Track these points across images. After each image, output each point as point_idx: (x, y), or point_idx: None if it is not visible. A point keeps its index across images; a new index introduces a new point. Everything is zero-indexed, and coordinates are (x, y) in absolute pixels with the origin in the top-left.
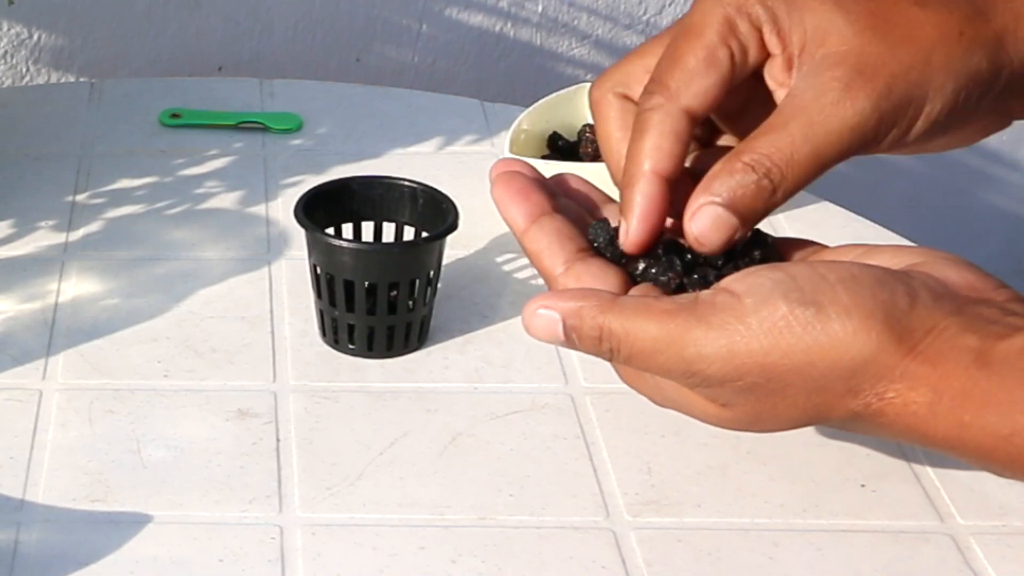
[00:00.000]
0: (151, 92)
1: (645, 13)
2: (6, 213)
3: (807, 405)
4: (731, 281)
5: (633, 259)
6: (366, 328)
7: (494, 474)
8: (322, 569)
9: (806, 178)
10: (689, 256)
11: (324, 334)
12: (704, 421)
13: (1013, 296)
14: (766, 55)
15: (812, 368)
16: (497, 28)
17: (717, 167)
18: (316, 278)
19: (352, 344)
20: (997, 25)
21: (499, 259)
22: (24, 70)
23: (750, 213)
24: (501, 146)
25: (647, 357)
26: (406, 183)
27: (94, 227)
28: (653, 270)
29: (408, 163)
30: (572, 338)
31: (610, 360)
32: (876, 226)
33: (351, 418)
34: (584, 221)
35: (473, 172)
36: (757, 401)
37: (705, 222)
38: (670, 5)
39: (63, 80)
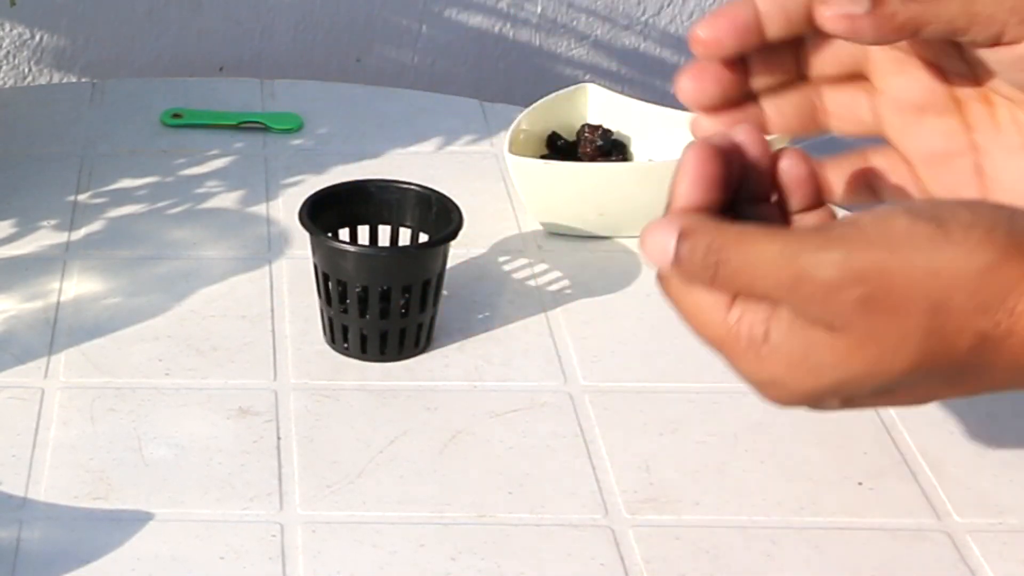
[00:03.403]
0: (153, 92)
1: (644, 14)
2: (8, 212)
3: (932, 326)
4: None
5: None
6: (378, 332)
7: (493, 472)
8: (322, 566)
9: None
10: None
11: (333, 341)
12: (817, 371)
13: None
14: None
15: (934, 279)
16: (496, 29)
17: None
18: (326, 285)
19: (365, 351)
20: None
21: (499, 259)
22: (26, 70)
23: None
24: (500, 146)
25: (753, 269)
26: (415, 187)
27: (96, 226)
28: None
29: (408, 163)
30: (683, 246)
31: (712, 282)
32: None
33: (351, 416)
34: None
35: (473, 172)
36: (875, 320)
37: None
38: (668, 6)
39: (65, 80)
